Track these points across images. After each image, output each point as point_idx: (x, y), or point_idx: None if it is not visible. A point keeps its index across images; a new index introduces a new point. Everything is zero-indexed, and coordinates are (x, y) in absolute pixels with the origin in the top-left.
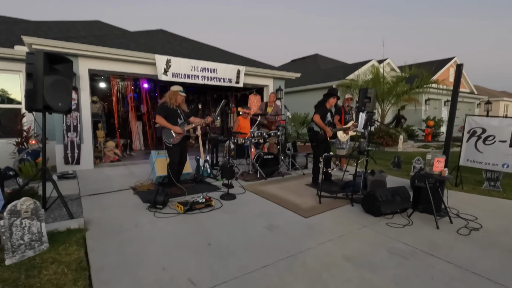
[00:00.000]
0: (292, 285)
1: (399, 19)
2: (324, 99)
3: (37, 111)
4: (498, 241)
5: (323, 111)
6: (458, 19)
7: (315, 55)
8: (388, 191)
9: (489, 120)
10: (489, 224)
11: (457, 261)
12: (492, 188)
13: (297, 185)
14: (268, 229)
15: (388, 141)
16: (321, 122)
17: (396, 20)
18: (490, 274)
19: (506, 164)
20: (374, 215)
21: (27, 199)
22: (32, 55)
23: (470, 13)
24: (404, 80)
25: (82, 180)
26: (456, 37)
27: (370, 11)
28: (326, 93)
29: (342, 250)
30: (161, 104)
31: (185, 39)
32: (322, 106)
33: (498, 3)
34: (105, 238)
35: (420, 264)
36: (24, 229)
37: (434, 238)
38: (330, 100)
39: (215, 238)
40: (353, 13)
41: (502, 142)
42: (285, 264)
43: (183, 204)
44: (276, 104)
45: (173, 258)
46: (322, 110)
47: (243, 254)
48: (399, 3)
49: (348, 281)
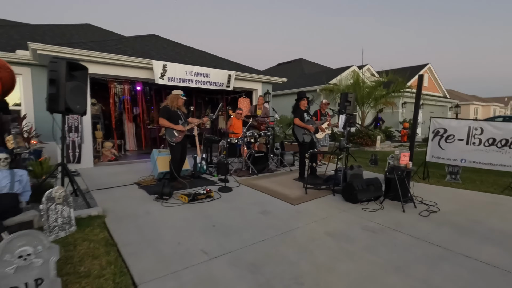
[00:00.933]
0: (285, 253)
1: (379, 24)
2: (297, 103)
3: (58, 112)
4: (451, 220)
5: (299, 113)
6: (436, 26)
7: (300, 60)
8: (364, 181)
9: (449, 121)
10: (446, 208)
11: (416, 234)
12: (453, 180)
13: (285, 179)
14: (262, 214)
15: (367, 141)
16: (301, 123)
17: (377, 26)
18: (440, 242)
19: (463, 159)
20: (352, 202)
21: (59, 188)
22: (55, 63)
23: (447, 21)
24: (382, 85)
25: (86, 177)
26: (434, 43)
27: (352, 16)
28: (297, 97)
29: (324, 228)
30: (163, 107)
31: (177, 44)
32: (298, 109)
33: (475, 12)
34: (123, 223)
35: (387, 237)
36: (58, 213)
37: (400, 218)
38: (302, 102)
39: (218, 221)
40: (335, 17)
41: (460, 141)
42: (278, 239)
43: (186, 195)
44: (264, 107)
45: (185, 236)
46: (299, 113)
47: (243, 232)
48: (380, 10)
49: (329, 249)
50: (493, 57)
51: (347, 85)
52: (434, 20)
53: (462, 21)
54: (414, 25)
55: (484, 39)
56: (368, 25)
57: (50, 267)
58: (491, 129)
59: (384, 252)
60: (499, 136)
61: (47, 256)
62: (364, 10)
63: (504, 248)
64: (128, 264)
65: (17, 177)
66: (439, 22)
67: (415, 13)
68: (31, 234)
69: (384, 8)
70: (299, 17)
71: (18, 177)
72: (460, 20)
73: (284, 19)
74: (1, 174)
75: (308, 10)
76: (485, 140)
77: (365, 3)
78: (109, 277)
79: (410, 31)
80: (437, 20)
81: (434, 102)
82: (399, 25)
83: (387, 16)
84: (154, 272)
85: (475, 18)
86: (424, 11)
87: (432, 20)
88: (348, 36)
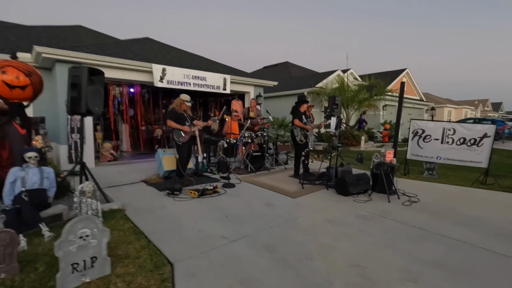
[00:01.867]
0: (293, 236)
1: (363, 29)
2: (298, 105)
3: (80, 114)
4: (429, 208)
5: (299, 115)
6: (414, 32)
7: (286, 63)
8: (354, 176)
9: (427, 123)
10: (424, 199)
11: (401, 219)
12: (430, 175)
13: (282, 176)
14: (267, 206)
15: (352, 142)
16: (301, 123)
17: (360, 30)
18: (421, 225)
19: (439, 156)
20: (344, 194)
21: (89, 183)
22: (77, 69)
23: (424, 27)
24: (365, 89)
25: None
26: (412, 48)
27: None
28: (298, 100)
29: (323, 216)
30: (171, 109)
31: (172, 48)
32: (298, 111)
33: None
34: (144, 215)
35: (376, 222)
36: (88, 205)
37: (386, 208)
38: (302, 106)
39: (229, 212)
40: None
41: (436, 140)
42: (285, 225)
43: (195, 191)
44: (257, 108)
45: (203, 225)
46: (299, 114)
47: (253, 221)
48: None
49: (329, 232)
50: (466, 62)
51: (332, 88)
52: (410, 27)
53: (436, 29)
54: (392, 31)
55: (458, 46)
56: (349, 30)
57: (102, 247)
58: (462, 130)
59: (376, 234)
60: (469, 136)
61: (100, 237)
62: (347, 15)
63: (472, 229)
64: (159, 247)
65: (45, 174)
66: (414, 30)
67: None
68: (89, 218)
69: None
70: (284, 20)
71: (46, 174)
72: (434, 28)
73: (268, 22)
74: (31, 171)
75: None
76: (457, 139)
77: (347, 9)
78: (146, 258)
79: (389, 37)
80: (412, 28)
81: (411, 105)
82: (379, 31)
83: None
84: (184, 253)
85: (446, 27)
86: (401, 18)
87: (408, 27)
88: (331, 41)
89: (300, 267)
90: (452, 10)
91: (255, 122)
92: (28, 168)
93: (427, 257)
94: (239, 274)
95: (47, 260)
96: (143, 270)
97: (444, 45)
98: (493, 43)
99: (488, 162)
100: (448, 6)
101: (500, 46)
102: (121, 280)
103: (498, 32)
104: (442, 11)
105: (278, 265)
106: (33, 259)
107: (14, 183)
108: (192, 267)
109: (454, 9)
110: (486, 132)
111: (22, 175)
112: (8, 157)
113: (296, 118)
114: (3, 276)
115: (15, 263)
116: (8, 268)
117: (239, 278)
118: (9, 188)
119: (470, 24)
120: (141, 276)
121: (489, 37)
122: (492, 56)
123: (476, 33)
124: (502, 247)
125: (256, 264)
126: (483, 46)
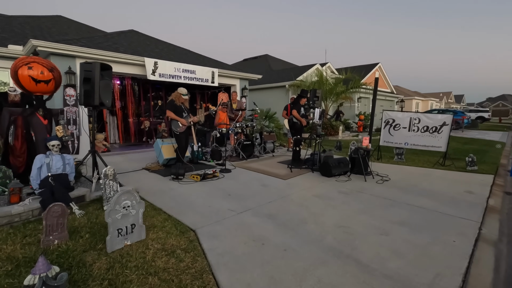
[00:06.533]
0: (288, 208)
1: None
2: (298, 99)
3: (93, 106)
4: (397, 185)
5: (298, 107)
6: (385, 26)
7: (266, 56)
8: (336, 160)
9: (396, 113)
10: (394, 178)
11: (375, 194)
12: (399, 159)
13: (271, 162)
14: (262, 186)
15: (331, 132)
16: (298, 115)
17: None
18: (391, 197)
19: (406, 142)
20: (328, 176)
21: (110, 167)
22: (90, 65)
23: (396, 22)
24: (341, 82)
25: (91, 165)
26: (384, 42)
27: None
28: (299, 94)
29: (311, 193)
30: (170, 101)
31: (159, 41)
32: (298, 104)
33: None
34: (157, 196)
35: (355, 195)
36: (111, 187)
37: (363, 185)
38: (302, 100)
39: (231, 192)
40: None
41: (404, 128)
42: (281, 200)
43: (197, 175)
44: (239, 101)
45: (211, 202)
46: (298, 107)
47: (253, 198)
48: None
49: (318, 204)
50: (432, 57)
51: (312, 81)
52: (381, 22)
53: (404, 25)
54: (363, 26)
55: (426, 41)
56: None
57: (139, 216)
58: (426, 119)
59: (355, 204)
60: (431, 124)
61: (138, 208)
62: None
63: (431, 199)
64: (179, 219)
65: (66, 161)
66: (385, 24)
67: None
68: (130, 192)
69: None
70: (262, 14)
71: (67, 161)
72: (402, 23)
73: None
74: (55, 158)
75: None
76: (421, 127)
77: (322, 4)
78: (171, 227)
79: (362, 32)
80: (383, 22)
81: (383, 97)
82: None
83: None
84: (202, 222)
85: (413, 22)
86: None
87: (380, 22)
88: (308, 35)
89: (298, 228)
90: (420, 8)
91: (237, 114)
92: (51, 155)
93: (395, 219)
94: (251, 234)
95: (88, 230)
96: (171, 235)
97: (414, 41)
98: (457, 41)
99: (446, 146)
100: (417, 5)
101: (462, 43)
102: (156, 242)
103: (463, 32)
104: (412, 9)
105: (280, 228)
106: (74, 230)
107: (40, 169)
108: (212, 231)
109: (422, 8)
110: (445, 121)
111: (48, 161)
112: (20, 147)
113: (295, 109)
114: (56, 242)
115: (65, 232)
116: (60, 236)
117: (252, 237)
118: (36, 173)
119: (438, 23)
120: (171, 239)
121: (454, 35)
122: (456, 53)
123: (442, 31)
124: (451, 210)
125: (263, 227)
126: (448, 43)
